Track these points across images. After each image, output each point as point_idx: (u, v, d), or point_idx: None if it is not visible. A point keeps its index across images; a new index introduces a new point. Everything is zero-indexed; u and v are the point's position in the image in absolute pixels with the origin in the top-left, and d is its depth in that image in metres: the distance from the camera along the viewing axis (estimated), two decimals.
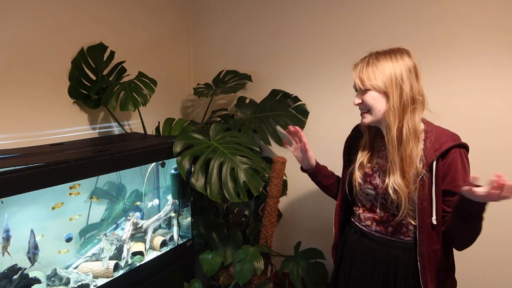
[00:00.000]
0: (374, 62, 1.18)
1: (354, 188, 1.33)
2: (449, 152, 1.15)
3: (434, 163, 1.15)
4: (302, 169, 1.55)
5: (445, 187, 1.15)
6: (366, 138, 1.33)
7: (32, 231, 1.38)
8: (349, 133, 1.46)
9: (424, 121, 1.22)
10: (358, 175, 1.31)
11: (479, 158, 1.73)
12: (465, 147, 1.18)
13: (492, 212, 1.74)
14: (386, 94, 1.17)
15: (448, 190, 1.15)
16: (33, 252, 1.40)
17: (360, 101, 1.23)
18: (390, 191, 1.19)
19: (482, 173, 1.55)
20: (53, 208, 1.47)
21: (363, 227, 1.33)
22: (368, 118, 1.23)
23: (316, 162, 1.52)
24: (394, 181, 1.18)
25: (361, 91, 1.22)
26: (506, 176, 1.82)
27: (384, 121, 1.19)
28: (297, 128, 1.44)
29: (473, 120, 1.77)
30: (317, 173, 1.51)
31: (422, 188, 1.17)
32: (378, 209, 1.27)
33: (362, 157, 1.32)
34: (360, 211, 1.34)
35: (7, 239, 1.28)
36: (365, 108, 1.23)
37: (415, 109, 1.17)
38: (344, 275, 1.40)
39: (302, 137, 1.44)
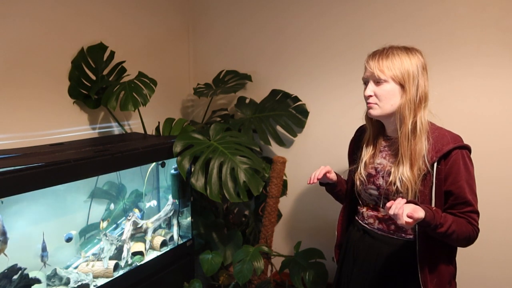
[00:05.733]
0: (394, 54, 1.18)
1: (356, 188, 1.34)
2: (451, 154, 1.15)
3: (435, 164, 1.16)
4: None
5: (447, 188, 1.16)
6: (369, 134, 1.32)
7: (43, 234, 1.39)
8: (353, 134, 1.46)
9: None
10: (363, 174, 1.31)
11: (478, 157, 1.74)
12: (467, 149, 1.19)
13: (493, 212, 1.75)
14: (402, 87, 1.17)
15: (450, 191, 1.15)
16: (41, 255, 1.40)
17: (372, 93, 1.21)
18: (398, 183, 1.19)
19: (480, 172, 1.55)
20: (102, 220, 1.62)
21: (365, 225, 1.33)
22: (377, 110, 1.22)
23: (336, 174, 1.48)
24: (402, 173, 1.18)
25: (376, 83, 1.20)
26: (506, 175, 1.82)
27: (398, 114, 1.19)
28: (314, 179, 1.37)
29: (473, 120, 1.77)
30: (337, 183, 1.48)
31: (423, 187, 1.17)
32: (381, 208, 1.28)
33: (365, 155, 1.32)
34: (364, 209, 1.34)
35: (4, 241, 1.28)
36: (375, 101, 1.21)
37: (425, 107, 1.19)
38: (347, 272, 1.40)
39: (321, 175, 1.38)
